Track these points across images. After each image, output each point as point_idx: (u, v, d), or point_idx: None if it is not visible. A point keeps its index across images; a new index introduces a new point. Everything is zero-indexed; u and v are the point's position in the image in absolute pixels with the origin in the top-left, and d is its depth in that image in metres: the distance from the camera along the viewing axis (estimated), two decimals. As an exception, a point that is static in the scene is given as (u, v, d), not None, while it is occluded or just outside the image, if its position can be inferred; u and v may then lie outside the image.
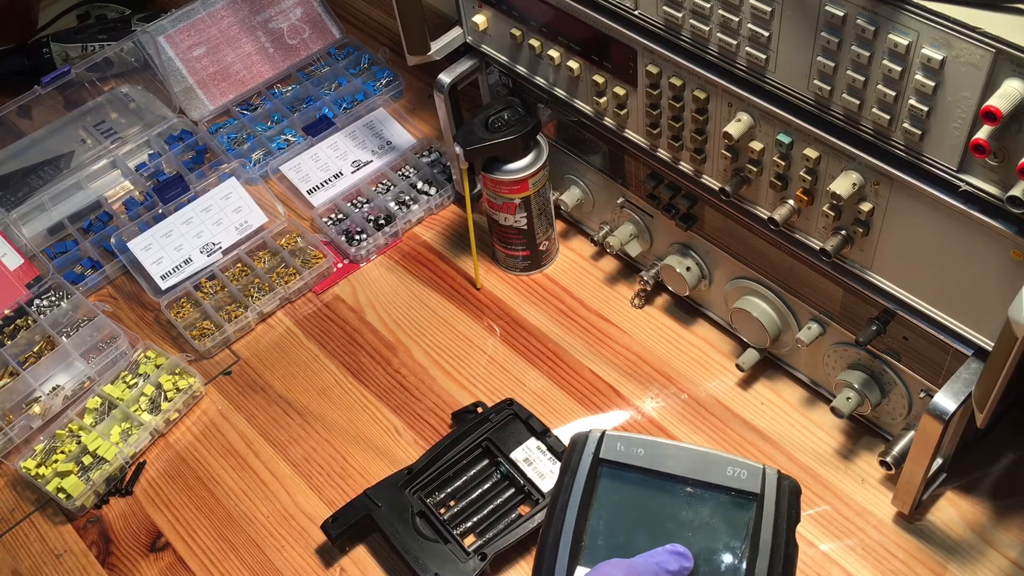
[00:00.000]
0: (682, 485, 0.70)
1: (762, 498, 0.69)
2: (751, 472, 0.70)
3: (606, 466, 0.72)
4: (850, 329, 0.87)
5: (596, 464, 0.71)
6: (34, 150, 1.30)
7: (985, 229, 0.68)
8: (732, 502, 0.69)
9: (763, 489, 0.69)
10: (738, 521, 0.69)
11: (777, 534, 0.67)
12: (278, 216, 1.21)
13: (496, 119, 1.01)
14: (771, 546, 0.67)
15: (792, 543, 0.68)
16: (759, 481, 0.69)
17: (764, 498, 0.69)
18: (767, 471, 0.70)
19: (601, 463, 0.72)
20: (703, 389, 1.00)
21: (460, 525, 0.90)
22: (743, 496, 0.69)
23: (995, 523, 0.87)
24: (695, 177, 0.90)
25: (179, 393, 1.05)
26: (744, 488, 0.69)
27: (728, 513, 0.69)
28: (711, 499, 0.70)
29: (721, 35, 0.77)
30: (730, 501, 0.69)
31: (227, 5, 1.37)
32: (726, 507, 0.69)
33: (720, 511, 0.69)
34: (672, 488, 0.70)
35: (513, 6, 0.96)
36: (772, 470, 0.70)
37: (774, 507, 0.68)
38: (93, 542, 0.98)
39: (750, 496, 0.69)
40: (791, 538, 0.68)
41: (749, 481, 0.69)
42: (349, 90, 1.33)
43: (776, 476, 0.70)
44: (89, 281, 1.18)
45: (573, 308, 1.09)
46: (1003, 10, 0.61)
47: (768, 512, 0.68)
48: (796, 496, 0.70)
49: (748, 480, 0.69)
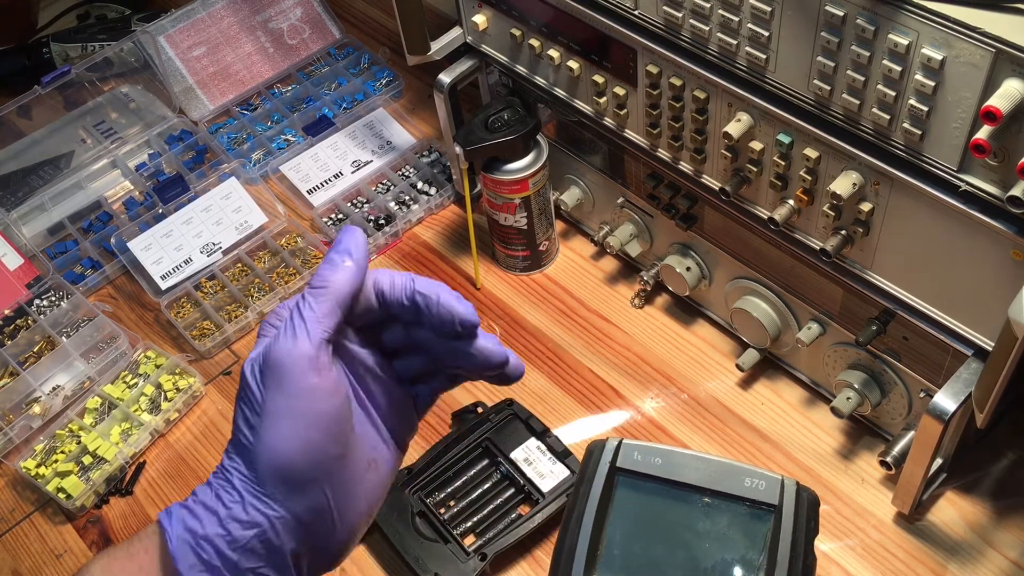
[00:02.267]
0: (699, 495, 0.69)
1: (780, 509, 0.68)
2: (769, 483, 0.69)
3: (623, 475, 0.71)
4: (850, 329, 0.87)
5: (613, 473, 0.71)
6: (34, 150, 1.30)
7: (985, 229, 0.68)
8: (750, 513, 0.69)
9: (782, 500, 0.68)
10: (756, 533, 0.68)
11: (796, 546, 0.66)
12: (278, 216, 1.21)
13: (496, 119, 1.01)
14: (789, 558, 0.66)
15: (811, 555, 0.67)
16: (778, 492, 0.68)
17: (783, 510, 0.68)
18: (786, 482, 0.69)
19: (618, 472, 0.71)
20: (703, 389, 1.00)
21: (460, 525, 0.90)
22: (761, 507, 0.68)
23: (995, 523, 0.87)
24: (695, 177, 0.90)
25: (179, 393, 1.05)
26: (762, 499, 0.68)
27: (746, 524, 0.68)
28: (729, 510, 0.69)
29: (721, 35, 0.77)
30: (748, 512, 0.69)
31: (227, 5, 1.37)
32: (744, 518, 0.69)
33: (738, 522, 0.69)
34: (689, 498, 0.70)
35: (513, 6, 0.96)
36: (791, 481, 0.69)
37: (792, 519, 0.67)
38: (93, 542, 0.98)
39: (768, 507, 0.68)
40: (810, 550, 0.67)
41: (767, 492, 0.68)
42: (349, 90, 1.33)
43: (795, 487, 0.69)
44: (89, 281, 1.18)
45: (573, 308, 1.09)
46: (1003, 10, 0.61)
47: (787, 524, 0.67)
48: (815, 508, 0.69)
49: (766, 491, 0.69)
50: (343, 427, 0.53)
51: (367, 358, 0.57)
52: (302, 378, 0.51)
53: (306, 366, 0.51)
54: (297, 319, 0.52)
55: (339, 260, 0.54)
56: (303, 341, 0.51)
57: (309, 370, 0.51)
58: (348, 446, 0.54)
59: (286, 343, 0.51)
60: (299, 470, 0.51)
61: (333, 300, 0.53)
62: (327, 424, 0.52)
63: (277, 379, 0.51)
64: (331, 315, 0.52)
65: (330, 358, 0.52)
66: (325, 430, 0.52)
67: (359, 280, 0.54)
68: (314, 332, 0.51)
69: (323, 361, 0.52)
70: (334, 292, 0.53)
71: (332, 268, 0.53)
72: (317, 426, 0.51)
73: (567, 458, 0.92)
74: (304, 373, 0.51)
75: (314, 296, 0.52)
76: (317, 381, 0.51)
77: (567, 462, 0.92)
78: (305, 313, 0.52)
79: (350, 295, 0.53)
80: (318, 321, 0.52)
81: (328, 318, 0.52)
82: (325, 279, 0.53)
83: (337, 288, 0.53)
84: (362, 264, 0.54)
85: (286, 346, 0.51)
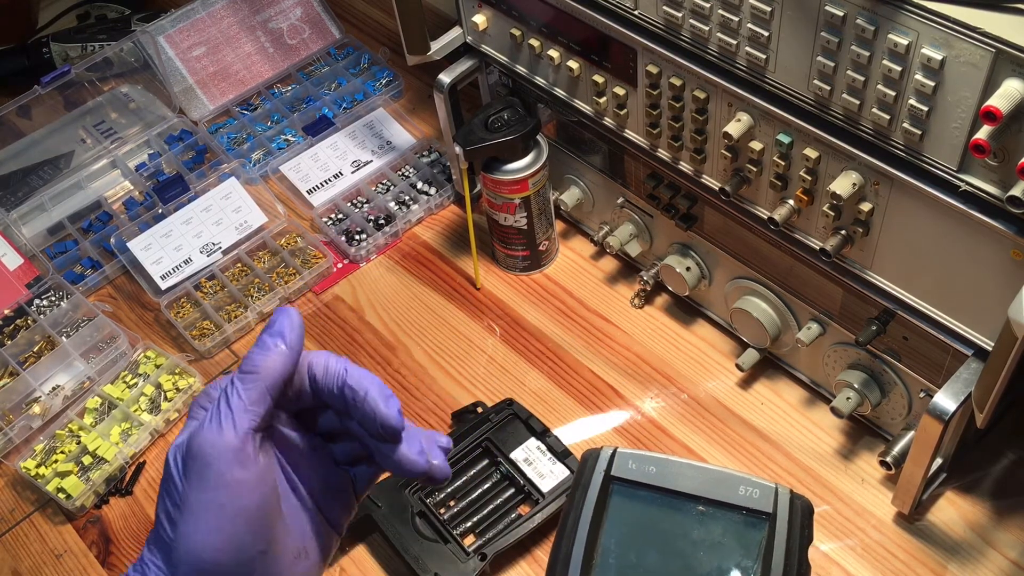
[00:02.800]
0: (694, 503, 0.70)
1: (775, 517, 0.68)
2: (763, 491, 0.69)
3: (617, 483, 0.71)
4: (850, 329, 0.87)
5: (608, 481, 0.71)
6: (34, 150, 1.30)
7: (985, 229, 0.68)
8: (744, 521, 0.69)
9: (775, 508, 0.68)
10: (750, 541, 0.68)
11: (790, 554, 0.67)
12: (278, 216, 1.21)
13: (496, 119, 1.01)
14: (783, 566, 0.66)
15: (805, 563, 0.67)
16: (771, 500, 0.69)
17: (777, 517, 0.68)
18: (779, 490, 0.69)
19: (612, 480, 0.71)
20: (703, 389, 1.00)
21: (460, 525, 0.90)
22: (755, 515, 0.69)
23: (995, 523, 0.87)
24: (695, 177, 0.90)
25: (179, 393, 1.05)
26: (756, 507, 0.69)
27: (740, 532, 0.69)
28: (723, 518, 0.69)
29: (721, 35, 0.77)
30: (742, 520, 0.69)
31: (227, 5, 1.37)
32: (738, 526, 0.69)
33: (732, 530, 0.69)
34: (684, 506, 0.70)
35: (513, 6, 0.96)
36: (785, 489, 0.69)
37: (787, 527, 0.68)
38: (93, 542, 0.98)
39: (762, 515, 0.68)
40: (803, 558, 0.67)
41: (761, 500, 0.69)
42: (349, 90, 1.33)
43: (789, 495, 0.69)
44: (89, 281, 1.18)
45: (573, 308, 1.09)
46: (1003, 10, 0.61)
47: (780, 532, 0.68)
48: (809, 516, 0.69)
49: (760, 499, 0.69)
50: (268, 521, 0.51)
51: (300, 442, 0.55)
52: (226, 471, 0.48)
53: (231, 458, 0.48)
54: (224, 407, 0.49)
55: (271, 344, 0.51)
56: (228, 432, 0.49)
57: (233, 463, 0.48)
58: (274, 540, 0.51)
59: (210, 433, 0.49)
60: (219, 569, 0.49)
61: (263, 386, 0.50)
62: (250, 519, 0.49)
63: (199, 470, 0.48)
64: (260, 402, 0.50)
65: (256, 448, 0.50)
66: (248, 525, 0.49)
67: (291, 365, 0.51)
68: (240, 422, 0.49)
69: (248, 453, 0.49)
70: (264, 378, 0.50)
71: (264, 353, 0.51)
72: (239, 521, 0.49)
73: (567, 458, 0.92)
74: (229, 466, 0.48)
75: (243, 382, 0.50)
76: (241, 474, 0.49)
77: (567, 462, 0.92)
78: (233, 401, 0.50)
79: (281, 381, 0.51)
80: (245, 410, 0.49)
81: (257, 405, 0.50)
82: (255, 364, 0.51)
83: (267, 374, 0.50)
84: (295, 347, 0.52)
85: (210, 437, 0.49)
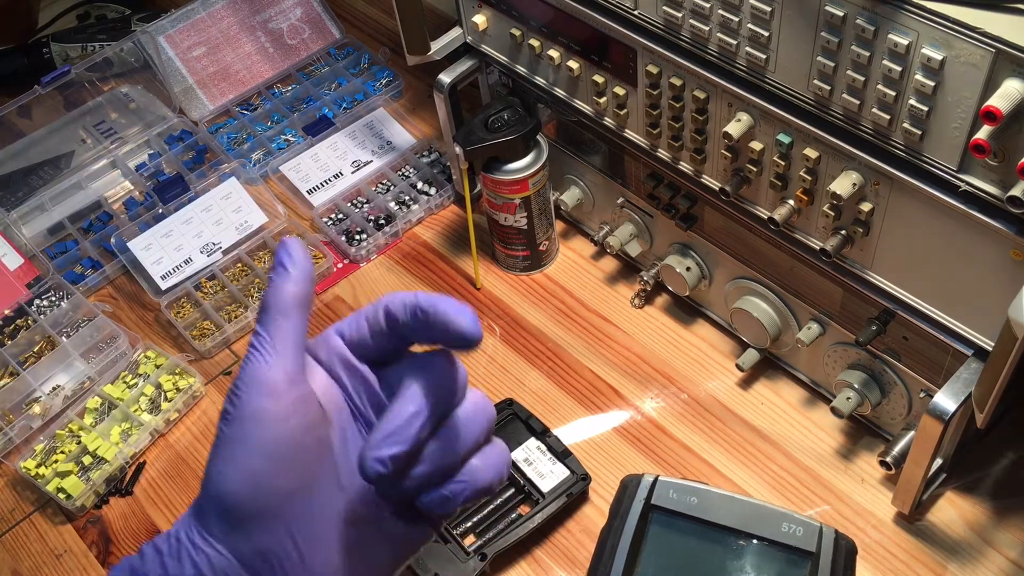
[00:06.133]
0: (734, 537, 0.69)
1: (818, 557, 0.67)
2: (807, 530, 0.68)
3: (657, 512, 0.70)
4: (850, 329, 0.87)
5: (647, 510, 0.70)
6: (34, 150, 1.30)
7: (985, 229, 0.68)
8: (786, 559, 0.67)
9: (819, 548, 0.67)
10: None
11: None
12: (278, 216, 1.21)
13: (496, 119, 1.01)
14: None
15: None
16: (815, 540, 0.67)
17: (820, 557, 0.67)
18: (824, 530, 0.68)
19: (652, 509, 0.70)
20: (703, 389, 1.00)
21: (460, 525, 0.90)
22: (797, 554, 0.67)
23: (995, 523, 0.87)
24: (695, 177, 0.90)
25: (179, 393, 1.05)
26: (799, 546, 0.67)
27: (781, 570, 0.67)
28: (764, 554, 0.68)
29: (721, 35, 0.77)
30: (784, 558, 0.67)
31: (227, 5, 1.37)
32: (779, 564, 0.67)
33: (773, 567, 0.67)
34: (724, 539, 0.69)
35: (513, 6, 0.96)
36: (829, 529, 0.68)
37: (830, 568, 0.66)
38: (93, 542, 0.98)
39: (805, 555, 0.67)
40: None
41: (805, 539, 0.67)
42: (349, 90, 1.33)
43: (833, 536, 0.68)
44: (89, 281, 1.18)
45: (573, 308, 1.09)
46: (1003, 10, 0.61)
47: (823, 573, 0.66)
48: (852, 557, 0.68)
49: (804, 538, 0.67)
50: (300, 457, 0.46)
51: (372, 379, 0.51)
52: (249, 402, 0.46)
53: (255, 390, 0.46)
54: (252, 341, 0.47)
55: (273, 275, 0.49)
56: (253, 363, 0.47)
57: (258, 394, 0.46)
58: (310, 481, 0.47)
59: (243, 368, 0.47)
60: (239, 504, 0.45)
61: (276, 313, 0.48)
62: (272, 453, 0.45)
63: (228, 404, 0.46)
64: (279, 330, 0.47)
65: (290, 378, 0.47)
66: (269, 459, 0.45)
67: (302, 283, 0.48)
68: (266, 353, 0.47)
69: (275, 383, 0.46)
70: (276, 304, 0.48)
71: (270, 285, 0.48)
72: (260, 453, 0.45)
73: (567, 458, 0.92)
74: (252, 397, 0.46)
75: (260, 316, 0.48)
76: (266, 403, 0.46)
77: (567, 462, 0.92)
78: (257, 336, 0.47)
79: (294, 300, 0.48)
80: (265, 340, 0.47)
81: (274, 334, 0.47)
82: (265, 297, 0.48)
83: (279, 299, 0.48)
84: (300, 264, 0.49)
85: (242, 372, 0.47)
